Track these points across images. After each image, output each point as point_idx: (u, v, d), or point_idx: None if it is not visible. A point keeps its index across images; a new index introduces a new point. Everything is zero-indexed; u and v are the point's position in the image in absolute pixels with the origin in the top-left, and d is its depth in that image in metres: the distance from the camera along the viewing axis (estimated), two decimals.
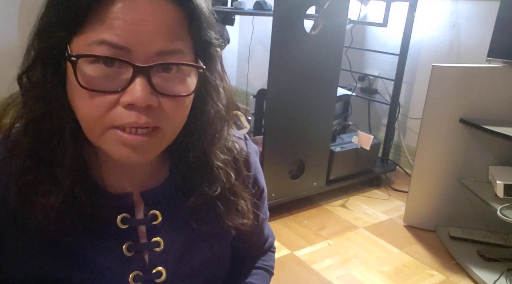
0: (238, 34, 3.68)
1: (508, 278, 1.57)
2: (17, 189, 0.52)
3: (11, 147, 0.54)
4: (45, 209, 0.51)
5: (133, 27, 0.46)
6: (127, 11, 0.46)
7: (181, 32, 0.50)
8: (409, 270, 1.69)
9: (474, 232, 1.85)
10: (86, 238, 0.56)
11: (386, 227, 2.00)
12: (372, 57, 2.75)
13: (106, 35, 0.46)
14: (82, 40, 0.47)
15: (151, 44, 0.47)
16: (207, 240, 0.65)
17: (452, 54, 2.35)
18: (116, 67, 0.48)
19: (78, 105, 0.49)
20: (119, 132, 0.49)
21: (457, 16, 2.30)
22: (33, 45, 0.51)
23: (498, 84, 1.77)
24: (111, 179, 0.58)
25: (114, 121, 0.48)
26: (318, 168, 2.06)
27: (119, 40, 0.46)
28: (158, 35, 0.48)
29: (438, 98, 1.80)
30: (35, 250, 0.55)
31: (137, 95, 0.47)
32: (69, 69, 0.49)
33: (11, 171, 0.52)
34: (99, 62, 0.47)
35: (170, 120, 0.51)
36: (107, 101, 0.48)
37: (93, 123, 0.49)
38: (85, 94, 0.48)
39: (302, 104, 1.89)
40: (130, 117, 0.48)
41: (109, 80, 0.48)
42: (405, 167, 2.59)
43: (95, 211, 0.54)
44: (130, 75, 0.47)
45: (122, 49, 0.47)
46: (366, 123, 2.79)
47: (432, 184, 1.92)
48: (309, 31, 1.81)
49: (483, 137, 1.78)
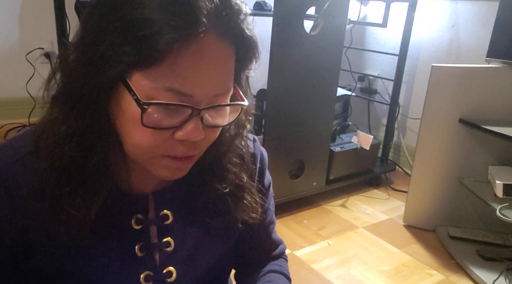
0: None
1: (508, 277, 1.57)
2: (51, 198, 0.53)
3: (38, 145, 0.54)
4: (79, 221, 0.53)
5: (199, 75, 0.48)
6: (196, 61, 0.47)
7: (233, 71, 0.52)
8: (408, 269, 1.69)
9: (473, 232, 1.85)
10: (101, 239, 0.57)
11: (385, 226, 2.00)
12: (371, 57, 2.76)
13: (176, 84, 0.47)
14: (148, 81, 0.47)
15: (211, 90, 0.49)
16: (216, 238, 0.66)
17: (451, 54, 2.36)
18: (176, 107, 0.49)
19: (131, 133, 0.51)
20: (169, 159, 0.53)
21: (457, 17, 2.31)
22: (75, 74, 0.50)
23: (497, 84, 1.77)
24: (131, 181, 0.60)
25: (167, 151, 0.52)
26: (318, 168, 2.07)
27: (187, 90, 0.48)
28: (219, 81, 0.50)
29: (438, 98, 1.80)
30: (54, 244, 0.56)
31: (193, 133, 0.50)
32: (123, 95, 0.49)
33: (38, 169, 0.53)
34: (162, 105, 0.48)
35: (208, 144, 0.56)
36: (163, 135, 0.50)
37: (145, 151, 0.52)
38: (142, 127, 0.49)
39: (302, 104, 1.89)
40: (182, 149, 0.52)
41: (167, 118, 0.49)
42: (405, 167, 2.59)
43: (114, 213, 0.56)
44: (189, 114, 0.49)
45: (186, 95, 0.48)
46: (366, 123, 2.79)
47: (431, 184, 1.92)
48: (309, 31, 1.81)
49: (482, 137, 1.79)
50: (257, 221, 0.66)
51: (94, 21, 0.49)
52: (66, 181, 0.52)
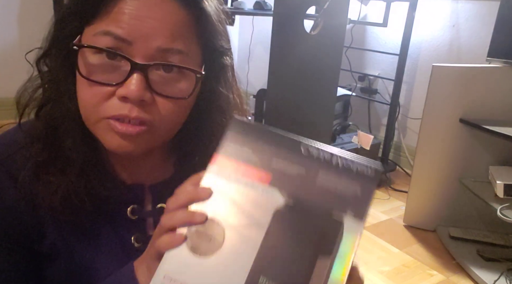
0: (238, 34, 3.68)
1: (508, 278, 1.57)
2: (29, 169, 0.54)
3: (26, 132, 0.56)
4: (55, 187, 0.53)
5: (137, 22, 0.49)
6: (133, 7, 0.49)
7: (185, 34, 0.51)
8: (409, 270, 1.69)
9: (474, 232, 1.85)
10: (98, 226, 0.57)
11: (386, 227, 2.00)
12: (372, 57, 2.75)
13: (111, 27, 0.49)
14: (91, 30, 0.51)
15: (152, 40, 0.49)
16: None
17: (452, 54, 2.35)
18: (117, 60, 0.50)
19: (79, 94, 0.52)
20: (111, 121, 0.51)
21: (457, 16, 2.30)
22: (50, 32, 0.55)
23: (498, 84, 1.77)
24: (123, 171, 0.60)
25: (108, 112, 0.51)
26: None
27: (122, 33, 0.49)
28: (160, 31, 0.49)
29: (438, 98, 1.80)
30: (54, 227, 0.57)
31: (131, 89, 0.49)
32: None
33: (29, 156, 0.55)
34: (101, 53, 0.50)
35: (163, 119, 0.52)
36: (104, 92, 0.50)
37: (89, 111, 0.52)
38: (85, 83, 0.50)
39: (302, 104, 1.89)
40: (123, 109, 0.50)
41: (108, 72, 0.50)
42: (405, 167, 2.58)
43: (107, 197, 0.56)
44: (128, 69, 0.49)
45: (124, 41, 0.49)
46: (366, 123, 2.79)
47: (432, 184, 1.91)
48: (309, 31, 1.81)
49: (483, 137, 1.78)
50: None
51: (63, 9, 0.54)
52: (41, 151, 0.54)
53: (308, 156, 0.44)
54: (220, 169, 0.44)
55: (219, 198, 0.43)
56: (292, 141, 0.45)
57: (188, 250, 0.41)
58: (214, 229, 0.42)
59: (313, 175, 0.43)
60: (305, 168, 0.43)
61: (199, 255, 0.41)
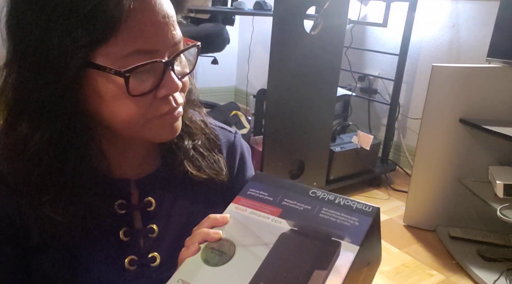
0: (238, 34, 3.68)
1: (508, 278, 1.57)
2: (33, 209, 0.54)
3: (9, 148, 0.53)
4: (67, 225, 0.54)
5: (156, 30, 0.49)
6: (149, 15, 0.48)
7: (176, 17, 0.54)
8: (409, 270, 1.69)
9: (474, 232, 1.85)
10: (85, 222, 0.57)
11: (386, 227, 2.00)
12: (372, 57, 2.75)
13: (140, 43, 0.48)
14: (114, 53, 0.47)
15: (171, 40, 0.51)
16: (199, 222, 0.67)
17: (452, 54, 2.35)
18: (150, 66, 0.50)
19: (116, 112, 0.51)
20: (161, 116, 0.54)
21: (457, 17, 2.30)
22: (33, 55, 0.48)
23: (498, 84, 1.77)
24: (109, 166, 0.60)
25: (158, 111, 0.53)
26: (318, 168, 2.06)
27: (152, 46, 0.49)
28: (172, 28, 0.51)
29: (438, 98, 1.80)
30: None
31: (171, 86, 0.52)
32: (96, 78, 0.49)
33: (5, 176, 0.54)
34: (139, 69, 0.49)
35: (185, 95, 0.59)
36: (147, 100, 0.51)
37: (136, 122, 0.52)
38: (126, 100, 0.50)
39: (302, 104, 1.89)
40: (168, 105, 0.54)
41: (146, 80, 0.50)
42: (405, 167, 2.59)
43: (95, 193, 0.56)
44: (161, 70, 0.51)
45: (153, 52, 0.50)
46: (366, 123, 2.79)
47: (432, 184, 1.92)
48: (309, 31, 1.81)
49: (483, 137, 1.78)
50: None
51: (28, 22, 0.46)
52: (46, 189, 0.53)
53: (315, 197, 0.53)
54: (238, 205, 0.54)
55: (234, 224, 0.52)
56: (302, 187, 0.54)
57: (201, 260, 0.49)
58: (226, 247, 0.49)
59: (317, 210, 0.52)
60: (311, 206, 0.52)
61: (210, 265, 0.48)
